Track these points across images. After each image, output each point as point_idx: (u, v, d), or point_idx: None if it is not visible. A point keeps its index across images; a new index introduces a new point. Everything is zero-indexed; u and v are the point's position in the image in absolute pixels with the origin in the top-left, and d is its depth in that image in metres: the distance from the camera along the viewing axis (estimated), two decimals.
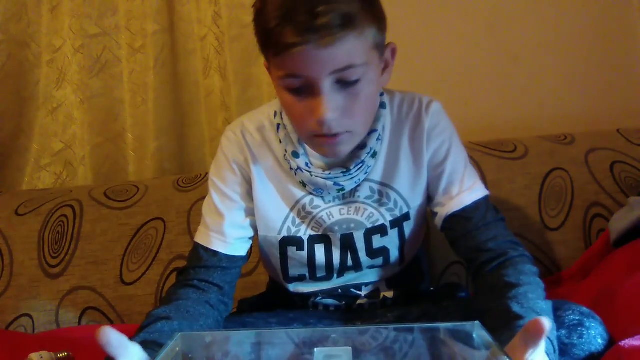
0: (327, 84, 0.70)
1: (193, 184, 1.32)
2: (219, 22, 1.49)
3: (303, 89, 0.71)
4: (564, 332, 0.68)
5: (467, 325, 0.60)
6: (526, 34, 1.48)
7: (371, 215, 0.85)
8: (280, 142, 0.84)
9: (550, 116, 1.48)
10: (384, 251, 0.87)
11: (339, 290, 0.91)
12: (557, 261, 1.17)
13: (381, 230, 0.86)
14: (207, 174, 1.35)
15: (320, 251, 0.87)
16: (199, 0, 1.50)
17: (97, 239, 1.26)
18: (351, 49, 0.68)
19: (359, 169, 0.81)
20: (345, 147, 0.77)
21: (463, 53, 1.49)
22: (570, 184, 1.21)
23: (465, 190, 0.82)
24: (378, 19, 0.72)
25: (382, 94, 0.86)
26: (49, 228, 1.27)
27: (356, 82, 0.71)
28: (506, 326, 0.64)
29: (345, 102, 0.72)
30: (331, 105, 0.70)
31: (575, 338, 0.67)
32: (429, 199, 0.87)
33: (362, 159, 0.81)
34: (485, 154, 1.26)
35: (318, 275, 0.89)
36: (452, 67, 1.49)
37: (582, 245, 1.17)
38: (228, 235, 0.84)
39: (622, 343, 0.64)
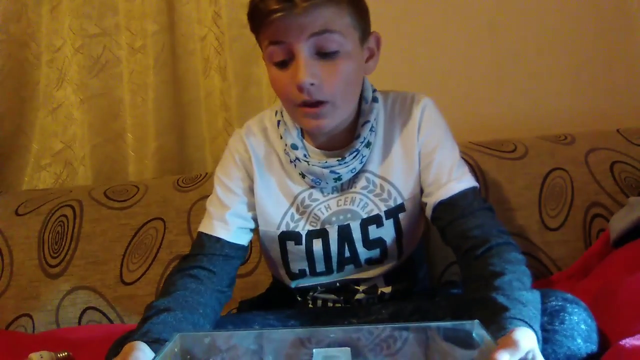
0: (305, 50, 0.76)
1: (193, 184, 1.32)
2: (219, 22, 1.49)
3: (286, 63, 0.78)
4: (545, 318, 0.68)
5: (466, 324, 0.60)
6: (526, 34, 1.48)
7: (366, 205, 0.88)
8: (281, 137, 0.89)
9: (550, 116, 1.48)
10: (380, 242, 0.89)
11: (338, 284, 0.92)
12: (557, 261, 1.17)
13: (376, 220, 0.88)
14: (207, 174, 1.36)
15: (318, 245, 0.89)
16: (199, 0, 1.50)
17: (97, 239, 1.26)
18: (327, 16, 0.75)
19: (354, 157, 0.85)
20: (328, 120, 0.80)
21: (463, 53, 1.48)
22: (570, 184, 1.21)
23: (454, 180, 0.85)
24: (354, 5, 0.79)
25: (374, 90, 0.90)
26: (49, 228, 1.27)
27: (334, 53, 0.77)
28: (492, 318, 0.64)
29: (324, 71, 0.77)
30: (309, 71, 0.76)
31: (557, 324, 0.68)
32: (421, 190, 0.89)
33: (357, 147, 0.85)
34: (485, 154, 1.26)
35: (318, 270, 0.90)
36: (452, 67, 1.49)
37: (582, 245, 1.16)
38: (230, 222, 0.87)
39: (623, 342, 0.64)
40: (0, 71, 1.52)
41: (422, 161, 0.88)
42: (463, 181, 0.85)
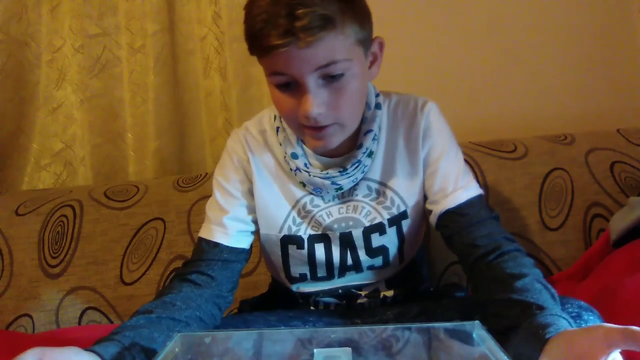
0: (312, 81, 0.73)
1: (193, 184, 1.32)
2: (219, 22, 1.49)
3: (290, 85, 0.75)
4: None
5: (466, 325, 0.60)
6: (526, 34, 1.48)
7: (369, 213, 0.87)
8: (280, 144, 0.87)
9: (550, 116, 1.48)
10: (383, 250, 0.88)
11: (340, 291, 0.92)
12: (557, 261, 1.17)
13: (379, 228, 0.87)
14: (207, 174, 1.36)
15: (320, 250, 0.88)
16: (199, 0, 1.50)
17: (97, 239, 1.26)
18: (332, 47, 0.71)
19: (355, 168, 0.84)
20: (334, 139, 0.79)
21: (463, 53, 1.49)
22: (570, 184, 1.21)
23: (460, 188, 0.83)
24: (359, 16, 0.74)
25: (377, 95, 0.88)
26: (49, 228, 1.27)
27: (340, 76, 0.73)
28: (530, 317, 0.63)
29: (331, 96, 0.74)
30: (317, 101, 0.73)
31: None
32: (425, 197, 0.88)
33: (359, 158, 0.83)
34: (485, 154, 1.26)
35: (319, 275, 0.89)
36: (452, 67, 1.49)
37: (582, 245, 1.17)
38: (229, 227, 0.86)
39: None
40: (0, 71, 1.52)
41: (427, 169, 0.86)
42: (470, 189, 0.83)
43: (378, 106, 0.86)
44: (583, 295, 0.90)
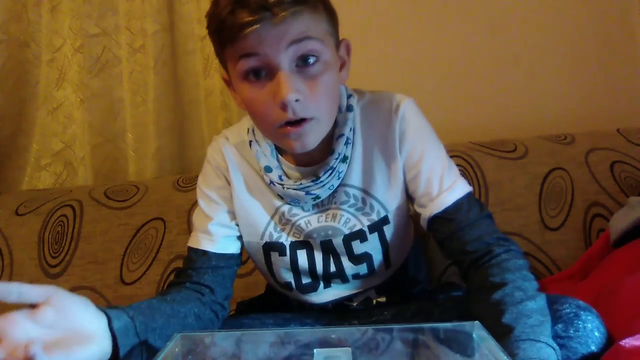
0: (285, 62, 0.70)
1: (193, 184, 1.32)
2: None
3: (262, 73, 0.71)
4: (560, 325, 0.67)
5: (466, 325, 0.60)
6: (526, 34, 1.48)
7: (348, 220, 0.84)
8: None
9: (550, 116, 1.48)
10: (366, 257, 0.86)
11: (330, 305, 0.91)
12: (557, 261, 1.17)
13: (360, 235, 0.85)
14: None
15: (302, 256, 0.87)
16: (199, 0, 1.50)
17: (97, 239, 1.26)
18: (306, 23, 0.70)
19: (329, 175, 0.81)
20: (311, 138, 0.75)
21: (463, 53, 1.49)
22: (570, 184, 1.21)
23: (445, 191, 0.80)
24: (329, 11, 0.75)
25: (349, 97, 0.85)
26: (49, 228, 1.27)
27: (315, 63, 0.72)
28: (499, 341, 0.62)
29: (306, 84, 0.72)
30: (293, 86, 0.70)
31: (571, 331, 0.67)
32: (411, 199, 0.85)
33: (331, 165, 0.80)
34: (485, 154, 1.26)
35: (303, 282, 0.88)
36: (453, 67, 1.49)
37: (582, 245, 1.16)
38: (214, 233, 0.86)
39: (623, 342, 0.64)
40: (0, 71, 1.52)
41: (408, 172, 0.83)
42: (455, 190, 0.80)
43: (350, 108, 0.83)
44: (583, 295, 0.90)
